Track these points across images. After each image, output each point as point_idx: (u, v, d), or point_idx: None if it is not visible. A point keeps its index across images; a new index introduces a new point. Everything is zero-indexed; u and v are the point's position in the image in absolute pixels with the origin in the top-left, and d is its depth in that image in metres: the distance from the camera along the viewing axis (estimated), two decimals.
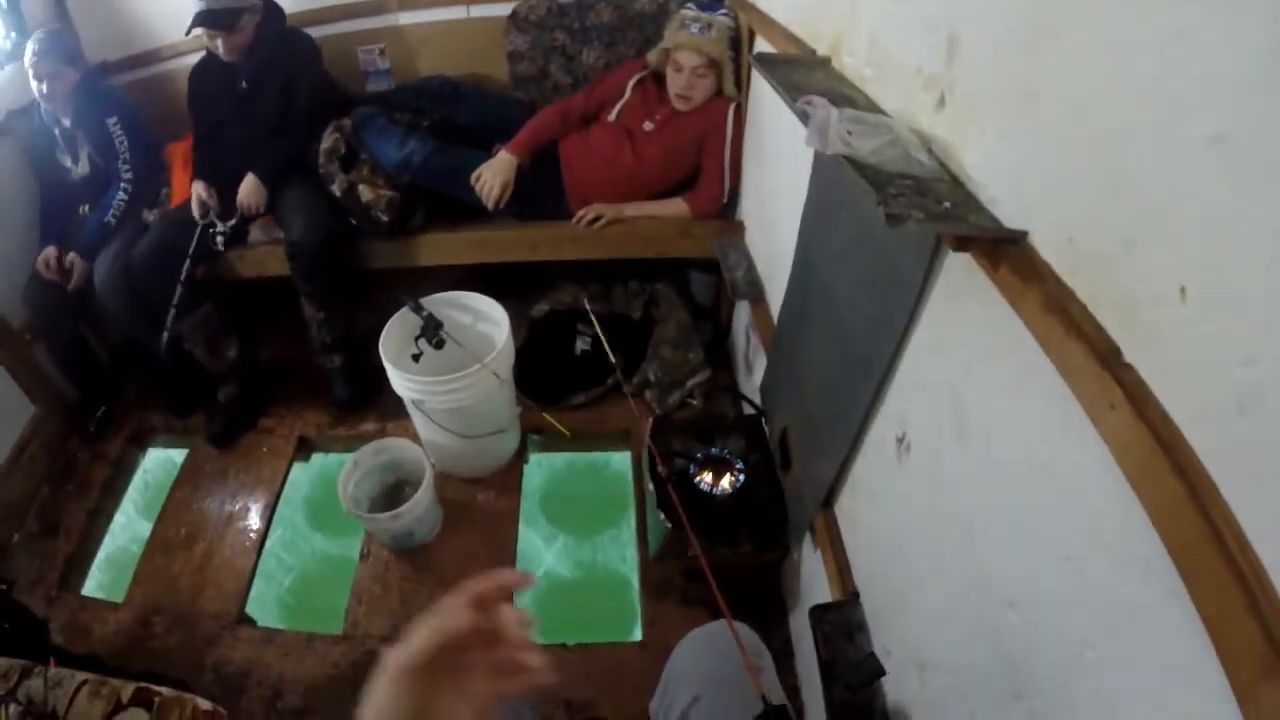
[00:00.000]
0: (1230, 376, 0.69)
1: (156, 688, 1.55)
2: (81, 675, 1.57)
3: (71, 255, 2.71)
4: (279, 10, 2.76)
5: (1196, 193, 0.72)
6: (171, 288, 2.65)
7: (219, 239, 2.70)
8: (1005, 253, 0.98)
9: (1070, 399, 0.87)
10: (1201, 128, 0.71)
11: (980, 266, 1.02)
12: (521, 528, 2.61)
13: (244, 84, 2.69)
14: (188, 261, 2.65)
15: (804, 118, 1.16)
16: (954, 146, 1.13)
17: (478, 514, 2.62)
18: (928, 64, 1.20)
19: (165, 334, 2.66)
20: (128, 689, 1.54)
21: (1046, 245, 0.94)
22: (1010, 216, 1.00)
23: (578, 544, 2.80)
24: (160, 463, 3.03)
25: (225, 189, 2.71)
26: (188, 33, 2.57)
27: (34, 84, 2.64)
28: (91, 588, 2.63)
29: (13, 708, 1.49)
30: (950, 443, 1.21)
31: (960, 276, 1.12)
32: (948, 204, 1.00)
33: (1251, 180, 0.67)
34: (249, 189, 2.68)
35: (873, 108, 1.38)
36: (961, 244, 1.02)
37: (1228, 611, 0.66)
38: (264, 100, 2.71)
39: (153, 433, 3.02)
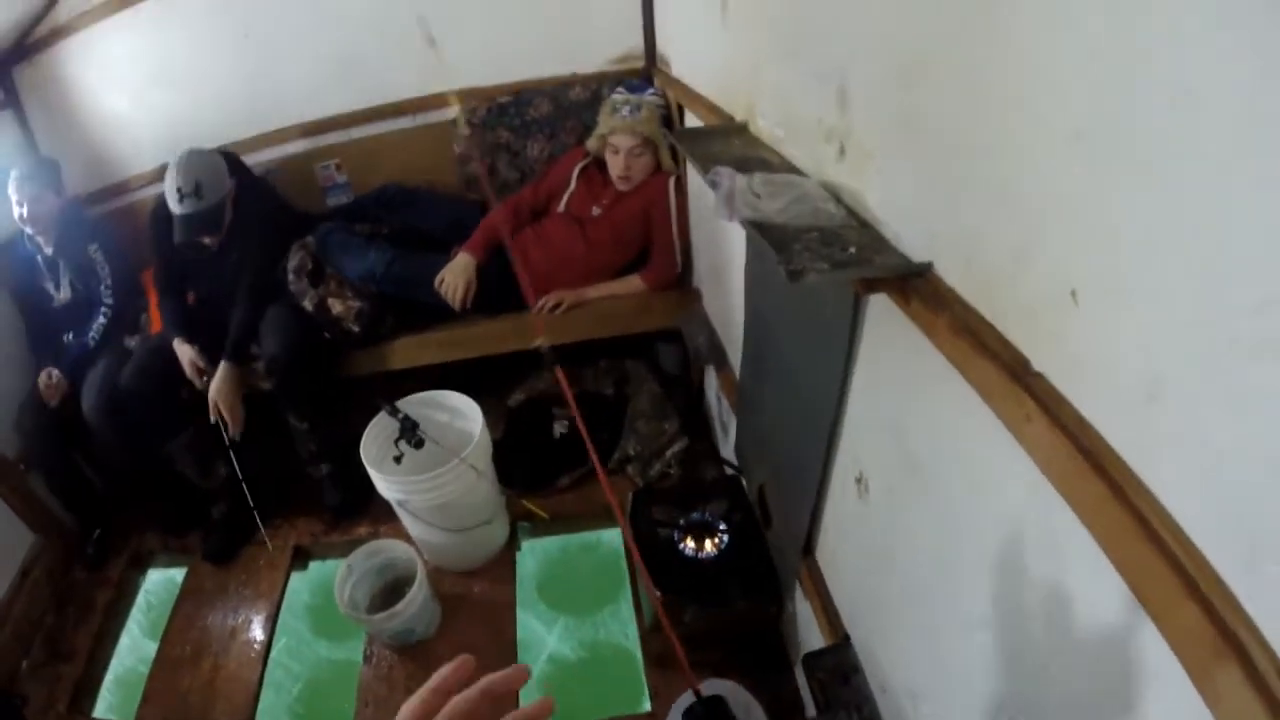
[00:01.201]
0: (1132, 367, 0.69)
1: None
2: None
3: (55, 373, 2.71)
4: (242, 165, 2.80)
5: (1067, 193, 0.74)
6: (158, 412, 2.64)
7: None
8: (913, 286, 0.99)
9: (992, 417, 0.87)
10: (1062, 126, 0.73)
11: (895, 304, 1.03)
12: (520, 614, 2.57)
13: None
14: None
15: (714, 187, 1.17)
16: (858, 192, 1.16)
17: (475, 605, 2.58)
18: (825, 116, 1.24)
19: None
20: None
21: (949, 271, 0.96)
22: (916, 250, 1.02)
23: (578, 624, 2.74)
24: (161, 583, 2.97)
25: (208, 341, 2.67)
26: (178, 242, 2.56)
27: (16, 210, 2.67)
28: (103, 709, 2.56)
29: None
30: (902, 477, 1.22)
31: (881, 317, 1.14)
32: (853, 249, 1.01)
33: (1113, 172, 0.68)
34: (221, 386, 2.60)
35: (787, 167, 1.40)
36: (869, 286, 1.03)
37: (1168, 599, 0.66)
38: (232, 259, 2.69)
39: (151, 554, 2.97)
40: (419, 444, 2.35)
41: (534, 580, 2.82)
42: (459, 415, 2.53)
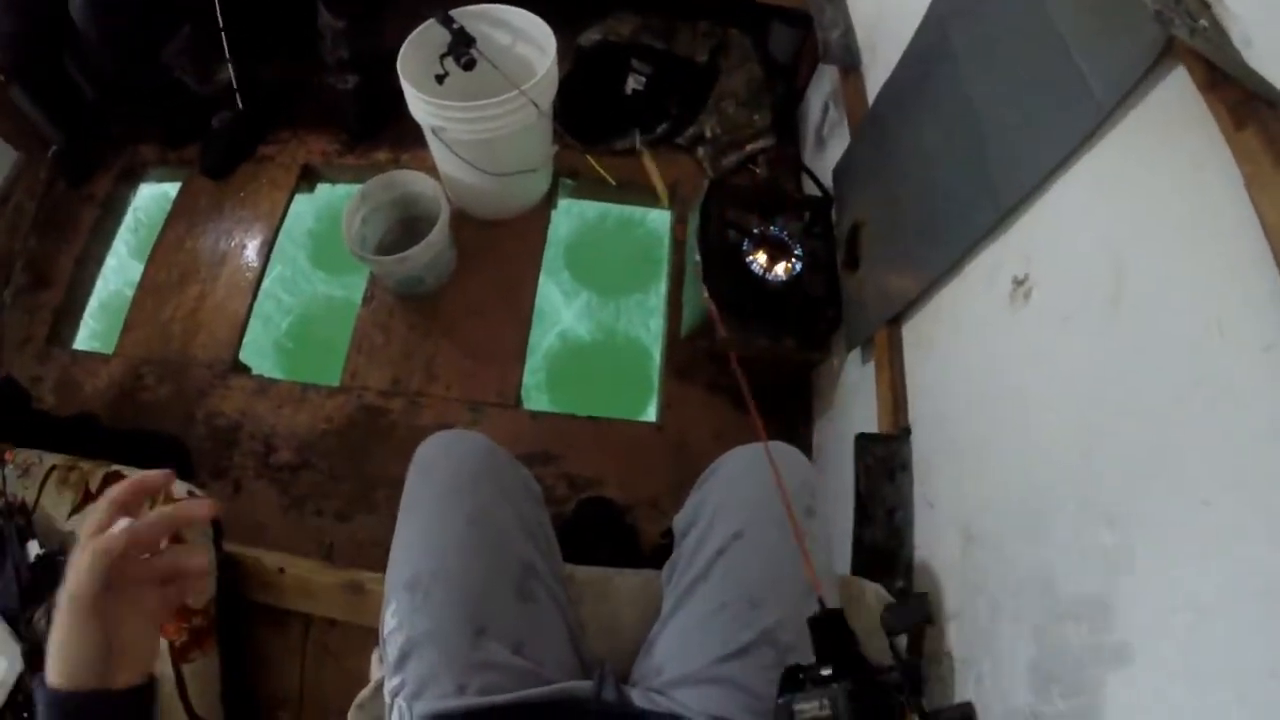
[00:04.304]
0: None
1: (128, 473, 1.44)
2: (50, 460, 1.48)
3: None
4: None
5: None
6: (152, 8, 2.30)
7: None
8: (1259, 114, 0.73)
9: None
10: None
11: (1216, 116, 0.78)
12: (542, 279, 2.46)
13: None
14: None
15: None
16: None
17: (495, 260, 2.45)
18: None
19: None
20: (96, 475, 1.45)
21: None
22: (1268, 71, 0.75)
23: (601, 304, 2.66)
24: (153, 199, 2.79)
25: None
26: None
27: None
28: (84, 337, 2.51)
29: None
30: (1092, 309, 1.00)
31: (1173, 115, 0.86)
32: (1204, 23, 0.74)
33: None
34: None
35: None
36: (1210, 80, 0.77)
37: None
38: None
39: (145, 167, 2.76)
40: (469, 65, 2.09)
41: (564, 245, 2.69)
42: (524, 39, 2.23)
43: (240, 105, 2.51)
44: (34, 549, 1.30)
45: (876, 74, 1.88)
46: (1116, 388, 0.95)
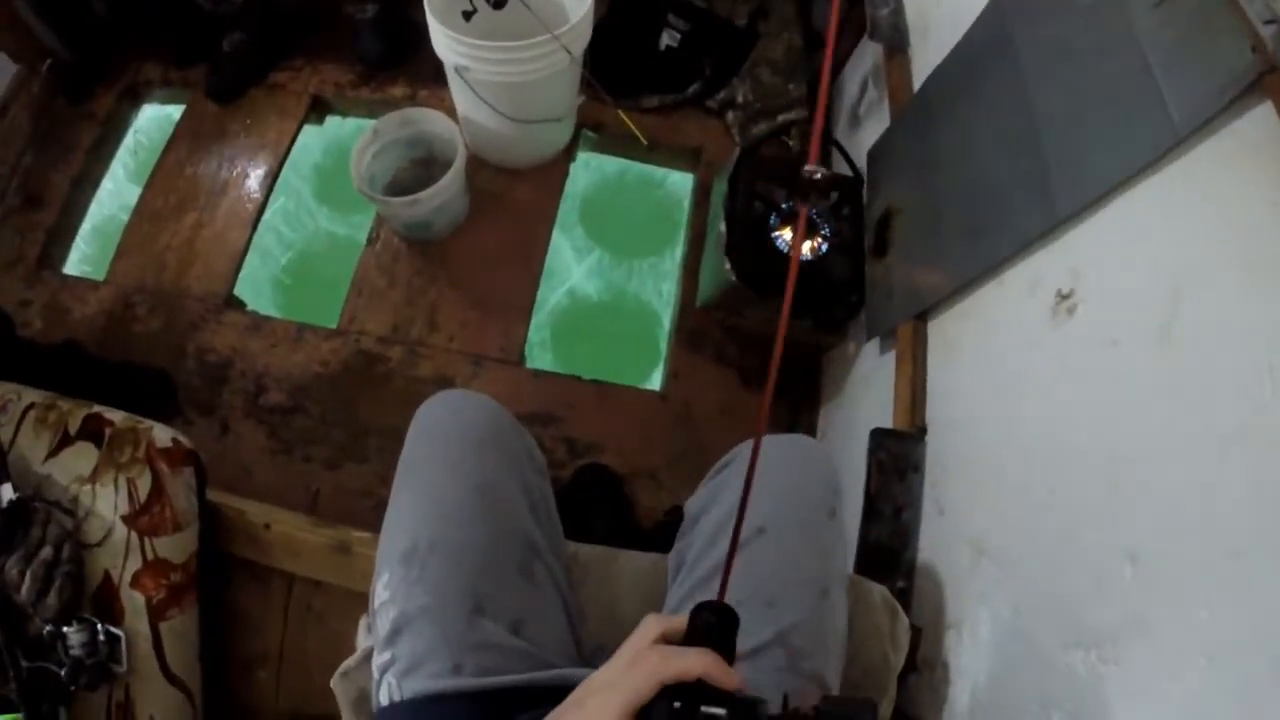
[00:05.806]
0: None
1: (109, 415, 1.41)
2: (29, 396, 1.42)
3: None
4: None
5: None
6: None
7: None
8: None
9: None
10: None
11: None
12: (555, 233, 2.44)
13: None
14: None
15: None
16: None
17: (508, 210, 2.42)
18: None
19: None
20: (77, 416, 1.40)
21: None
22: None
23: (613, 264, 2.63)
24: (155, 120, 2.73)
25: None
26: None
27: None
28: (75, 261, 2.48)
29: None
30: (1140, 336, 0.99)
31: (1253, 151, 0.85)
32: None
33: None
34: None
35: None
36: None
37: None
38: None
39: (149, 86, 2.69)
40: (500, 3, 2.07)
41: (580, 199, 2.65)
42: None
43: (245, 32, 2.46)
44: (7, 493, 1.25)
45: (925, 58, 1.83)
46: (1155, 421, 0.94)
